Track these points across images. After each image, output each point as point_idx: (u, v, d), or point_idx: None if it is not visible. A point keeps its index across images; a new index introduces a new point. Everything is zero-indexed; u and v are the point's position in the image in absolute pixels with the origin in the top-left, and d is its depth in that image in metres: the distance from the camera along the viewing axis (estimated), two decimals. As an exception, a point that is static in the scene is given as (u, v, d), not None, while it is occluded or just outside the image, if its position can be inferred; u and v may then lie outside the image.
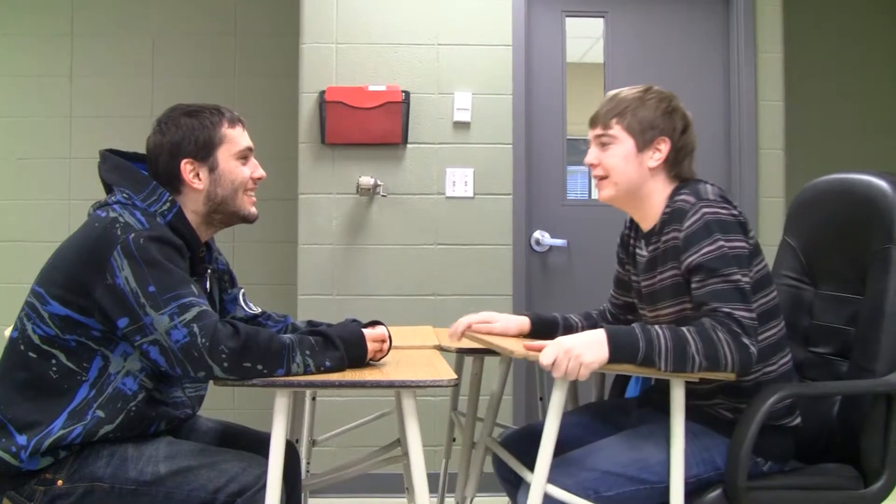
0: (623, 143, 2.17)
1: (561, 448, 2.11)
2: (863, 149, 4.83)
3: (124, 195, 1.97)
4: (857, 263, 2.24)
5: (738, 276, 1.95)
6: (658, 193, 2.19)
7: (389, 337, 2.11)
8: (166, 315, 1.80)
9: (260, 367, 1.82)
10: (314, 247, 4.02)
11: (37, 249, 4.65)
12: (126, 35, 4.72)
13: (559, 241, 4.13)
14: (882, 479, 2.07)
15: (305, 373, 1.87)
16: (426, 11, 4.08)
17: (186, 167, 2.03)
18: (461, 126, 4.07)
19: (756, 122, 4.16)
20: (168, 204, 1.98)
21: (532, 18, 4.18)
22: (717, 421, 2.09)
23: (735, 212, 2.05)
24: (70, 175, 4.67)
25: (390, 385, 1.87)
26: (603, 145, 2.21)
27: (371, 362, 2.04)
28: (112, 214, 1.90)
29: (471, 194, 4.06)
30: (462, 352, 2.56)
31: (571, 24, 4.25)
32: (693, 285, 2.00)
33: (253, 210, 2.14)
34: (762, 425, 1.99)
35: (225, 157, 2.06)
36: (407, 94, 4.01)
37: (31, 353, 1.90)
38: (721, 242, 1.98)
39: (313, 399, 3.09)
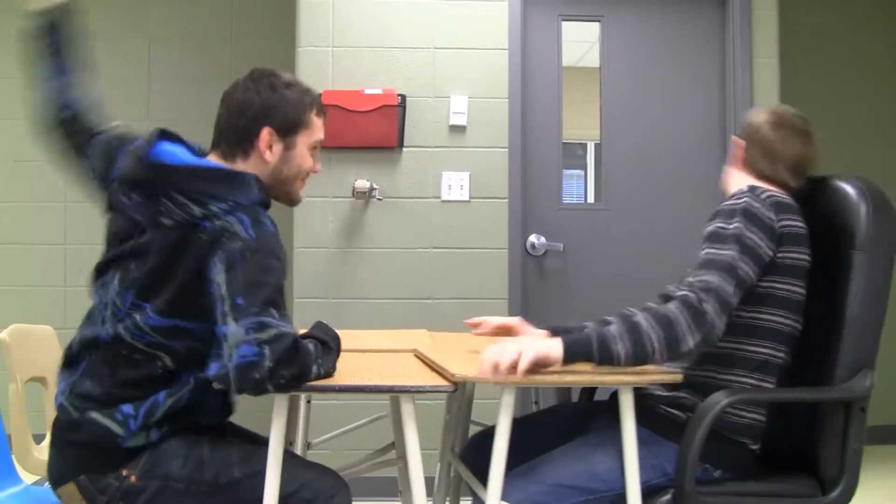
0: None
1: (525, 451, 2.13)
2: (859, 153, 4.84)
3: (230, 203, 1.89)
4: (821, 268, 2.21)
5: (734, 254, 1.97)
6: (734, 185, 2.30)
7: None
8: (244, 328, 1.75)
9: (294, 383, 1.81)
10: (310, 250, 4.01)
11: (33, 252, 4.64)
12: (123, 38, 4.71)
13: (555, 245, 4.13)
14: (839, 487, 2.04)
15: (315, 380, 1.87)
16: (422, 15, 4.08)
17: (266, 135, 1.99)
18: (457, 130, 4.07)
19: (751, 126, 4.16)
20: (256, 184, 1.95)
21: (528, 22, 4.19)
22: (670, 424, 2.08)
23: (774, 219, 2.05)
24: (66, 177, 4.66)
25: (390, 390, 1.87)
26: None
27: None
28: (218, 223, 1.85)
29: (466, 198, 4.06)
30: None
31: (567, 28, 4.26)
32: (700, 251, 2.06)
33: (300, 197, 2.15)
34: (720, 436, 2.00)
35: (303, 141, 2.04)
36: (403, 97, 4.01)
37: (136, 355, 1.88)
38: (739, 225, 2.01)
39: (308, 402, 3.09)
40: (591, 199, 4.34)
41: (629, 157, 4.25)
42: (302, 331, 2.03)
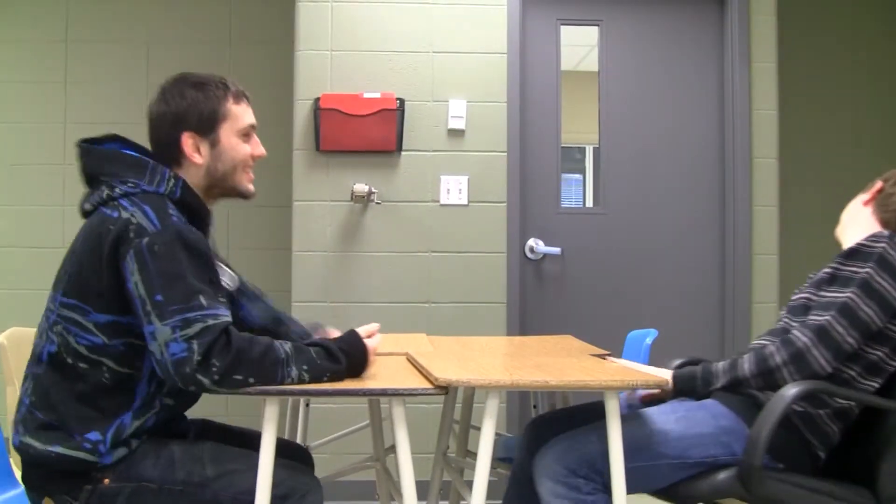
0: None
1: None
2: (856, 157, 4.84)
3: (130, 184, 1.90)
4: None
5: (853, 297, 2.08)
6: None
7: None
8: (169, 327, 1.77)
9: (251, 380, 1.80)
10: (309, 254, 4.01)
11: (31, 255, 4.64)
12: (121, 41, 4.72)
13: (553, 249, 4.13)
14: None
15: (299, 384, 1.86)
16: (421, 19, 4.09)
17: (187, 140, 1.98)
18: (456, 133, 4.07)
19: (750, 130, 4.17)
20: (173, 180, 1.94)
21: (527, 26, 4.20)
22: (749, 404, 2.15)
23: None
24: (64, 181, 4.66)
25: (382, 393, 1.87)
26: None
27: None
28: (124, 215, 1.84)
29: (465, 202, 4.06)
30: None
31: (566, 32, 4.27)
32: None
33: (250, 187, 2.10)
34: (796, 430, 2.08)
35: (227, 133, 2.02)
36: (402, 101, 4.01)
37: (81, 364, 1.86)
38: (869, 270, 2.10)
39: (307, 405, 3.10)
40: (589, 203, 4.34)
41: (628, 161, 4.25)
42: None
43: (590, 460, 2.03)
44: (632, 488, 2.06)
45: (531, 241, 4.16)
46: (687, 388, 2.21)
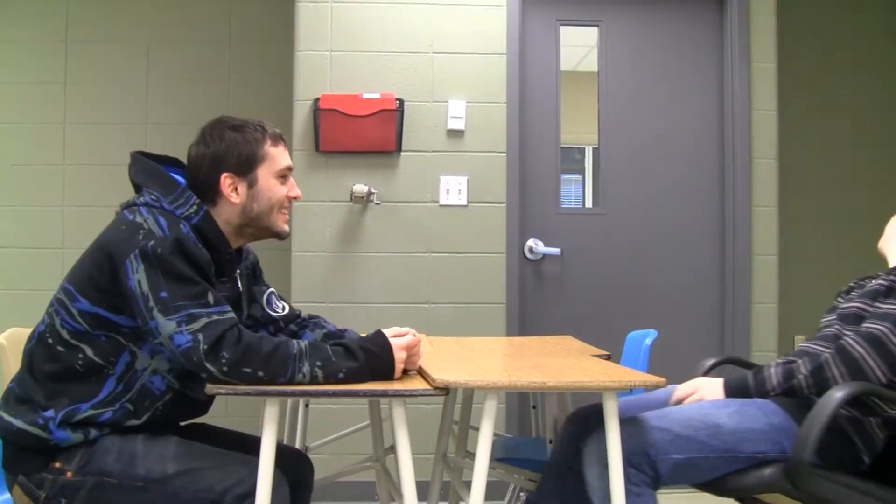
0: None
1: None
2: (856, 157, 4.84)
3: (152, 196, 1.99)
4: None
5: None
6: None
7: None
8: (174, 321, 1.84)
9: (261, 373, 1.84)
10: (308, 254, 4.01)
11: (30, 256, 4.64)
12: (120, 42, 4.72)
13: (553, 250, 4.13)
14: None
15: (311, 382, 1.87)
16: (420, 19, 4.08)
17: (226, 180, 2.06)
18: (455, 134, 4.07)
19: (749, 131, 4.17)
20: (195, 207, 2.01)
21: (526, 27, 4.20)
22: (801, 404, 2.16)
23: None
24: (64, 181, 4.66)
25: (383, 394, 1.87)
26: None
27: (409, 371, 2.01)
28: (138, 219, 1.93)
29: (464, 202, 4.06)
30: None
31: (566, 32, 4.26)
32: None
33: (285, 227, 2.17)
34: (843, 433, 2.11)
35: (265, 174, 2.09)
36: (401, 101, 4.01)
37: (59, 347, 1.95)
38: None
39: (306, 406, 3.09)
40: (588, 203, 4.34)
41: (627, 161, 4.25)
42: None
43: (645, 449, 2.04)
44: (681, 479, 2.11)
45: (531, 242, 4.16)
46: (739, 397, 2.26)
